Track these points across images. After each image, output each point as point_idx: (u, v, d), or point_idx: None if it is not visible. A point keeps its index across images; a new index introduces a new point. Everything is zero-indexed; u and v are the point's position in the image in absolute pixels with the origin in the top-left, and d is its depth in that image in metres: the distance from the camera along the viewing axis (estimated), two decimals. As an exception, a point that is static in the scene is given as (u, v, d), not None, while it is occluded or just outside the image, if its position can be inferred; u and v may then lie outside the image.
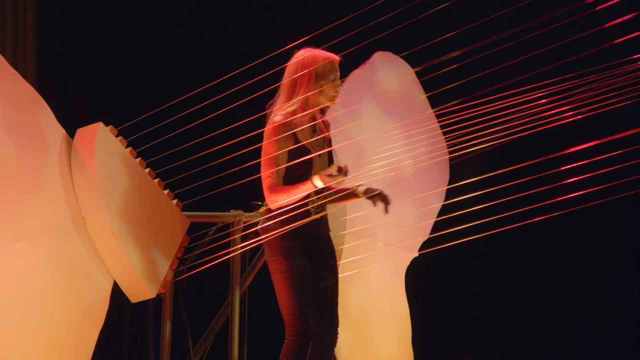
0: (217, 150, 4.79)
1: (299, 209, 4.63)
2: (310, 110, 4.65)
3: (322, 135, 4.76)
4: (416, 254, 5.83)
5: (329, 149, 4.80)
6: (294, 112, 4.65)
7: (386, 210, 4.72)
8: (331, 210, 4.96)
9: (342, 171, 4.52)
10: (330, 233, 4.89)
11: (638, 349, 7.63)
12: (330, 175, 4.53)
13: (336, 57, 4.72)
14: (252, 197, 5.40)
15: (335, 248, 4.96)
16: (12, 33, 6.44)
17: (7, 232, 4.47)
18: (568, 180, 4.58)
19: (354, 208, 5.31)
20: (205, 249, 5.12)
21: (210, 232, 5.48)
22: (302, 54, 4.71)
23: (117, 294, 4.86)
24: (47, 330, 4.56)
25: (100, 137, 4.76)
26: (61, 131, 4.76)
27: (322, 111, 4.80)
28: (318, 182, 4.54)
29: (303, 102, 4.66)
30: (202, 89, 4.87)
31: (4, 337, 4.44)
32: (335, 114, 5.11)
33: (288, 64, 4.73)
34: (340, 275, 5.13)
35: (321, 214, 4.75)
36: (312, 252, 4.74)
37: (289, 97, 4.69)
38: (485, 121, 4.60)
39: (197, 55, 7.25)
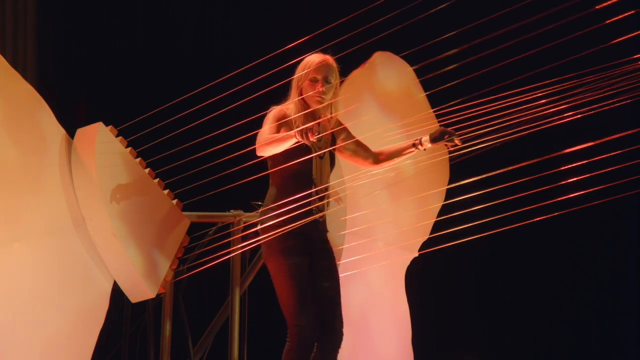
0: (217, 150, 4.79)
1: (300, 209, 4.65)
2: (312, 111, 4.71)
3: (323, 134, 4.77)
4: (416, 254, 5.83)
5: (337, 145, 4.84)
6: (292, 110, 4.73)
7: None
8: (333, 209, 4.97)
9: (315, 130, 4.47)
10: (330, 233, 4.89)
11: (638, 349, 7.63)
12: (308, 133, 4.47)
13: (317, 59, 4.75)
14: (252, 197, 5.41)
15: (335, 248, 4.96)
16: (12, 33, 6.44)
17: (7, 232, 4.47)
18: (568, 180, 4.58)
19: (354, 208, 5.32)
20: (205, 249, 5.12)
21: (210, 232, 5.49)
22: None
23: (117, 294, 4.86)
24: (47, 330, 4.56)
25: (100, 137, 4.76)
26: (61, 131, 4.76)
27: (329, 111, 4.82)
28: (298, 136, 4.48)
29: (299, 102, 4.74)
30: (202, 89, 4.87)
31: (4, 336, 4.44)
32: (335, 113, 5.11)
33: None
34: (340, 275, 5.13)
35: (322, 213, 4.75)
36: (312, 252, 4.74)
37: (290, 97, 4.78)
38: (485, 121, 4.61)
39: (197, 55, 7.25)
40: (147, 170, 4.94)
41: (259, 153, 4.67)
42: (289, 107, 4.75)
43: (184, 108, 4.95)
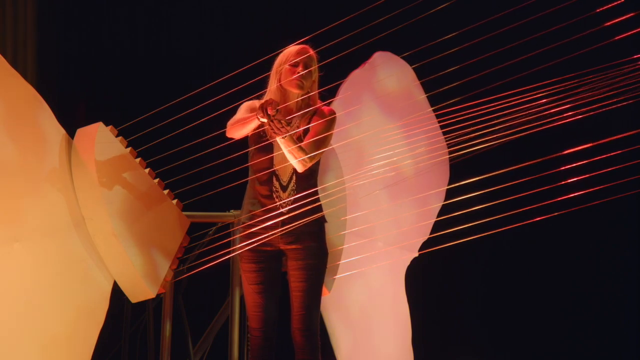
0: (217, 150, 4.79)
1: (258, 207, 4.72)
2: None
3: (298, 130, 4.72)
4: (416, 254, 5.83)
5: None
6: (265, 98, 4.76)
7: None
8: (330, 210, 4.96)
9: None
10: (330, 233, 4.88)
11: (638, 349, 7.63)
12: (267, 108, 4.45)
13: (298, 47, 4.76)
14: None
15: (335, 248, 4.95)
16: (12, 33, 6.44)
17: (7, 232, 4.46)
18: (568, 181, 4.58)
19: (354, 208, 5.32)
20: (205, 249, 5.12)
21: (210, 232, 5.49)
22: None
23: (117, 294, 4.86)
24: (47, 330, 4.56)
25: (100, 137, 4.76)
26: (61, 131, 4.76)
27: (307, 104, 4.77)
28: (258, 115, 4.50)
29: (271, 91, 4.75)
30: (202, 89, 4.87)
31: (4, 337, 4.44)
32: (335, 114, 5.10)
33: None
34: (340, 275, 5.13)
35: (291, 214, 4.70)
36: (285, 252, 4.76)
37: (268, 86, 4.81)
38: (485, 121, 4.61)
39: (197, 55, 7.25)
40: (147, 170, 4.94)
41: (228, 135, 4.74)
42: (266, 97, 4.75)
43: (183, 108, 4.95)
